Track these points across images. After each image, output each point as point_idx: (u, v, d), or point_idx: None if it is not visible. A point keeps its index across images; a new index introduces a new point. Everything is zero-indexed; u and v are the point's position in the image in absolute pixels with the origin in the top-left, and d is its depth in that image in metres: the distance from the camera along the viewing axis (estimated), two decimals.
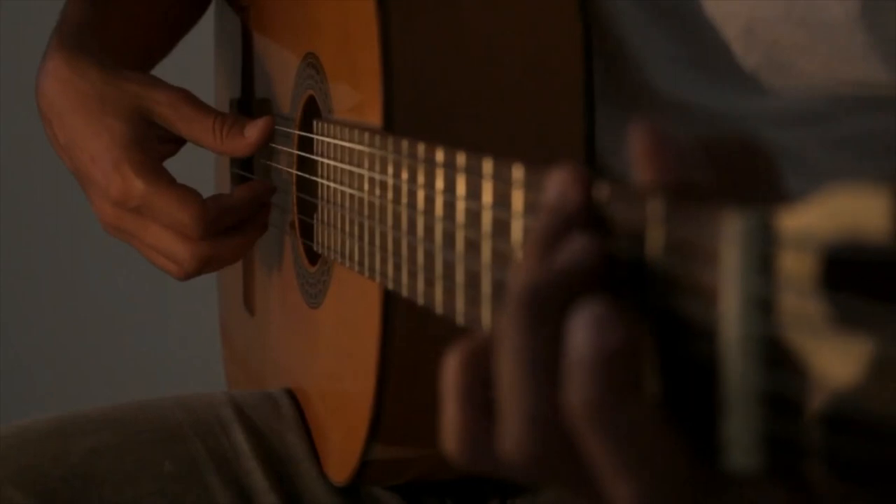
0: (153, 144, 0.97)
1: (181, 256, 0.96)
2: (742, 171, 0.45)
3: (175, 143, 0.99)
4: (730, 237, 0.40)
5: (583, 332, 0.43)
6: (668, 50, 0.83)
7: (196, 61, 1.28)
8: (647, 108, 0.84)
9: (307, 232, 0.94)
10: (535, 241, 0.48)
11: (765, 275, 0.39)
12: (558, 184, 0.48)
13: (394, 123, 0.77)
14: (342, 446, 0.88)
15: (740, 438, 0.40)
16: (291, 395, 0.99)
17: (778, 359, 0.39)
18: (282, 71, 0.99)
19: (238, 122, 0.97)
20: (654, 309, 0.44)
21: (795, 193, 0.43)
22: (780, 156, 0.83)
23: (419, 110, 0.78)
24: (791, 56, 0.80)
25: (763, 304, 0.39)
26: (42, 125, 1.03)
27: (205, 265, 0.97)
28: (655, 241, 0.44)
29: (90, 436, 0.94)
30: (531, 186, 0.53)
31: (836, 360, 0.37)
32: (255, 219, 0.98)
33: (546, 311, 0.45)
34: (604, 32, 0.84)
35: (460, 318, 0.61)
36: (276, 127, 1.00)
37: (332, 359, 0.91)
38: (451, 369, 0.49)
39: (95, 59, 0.99)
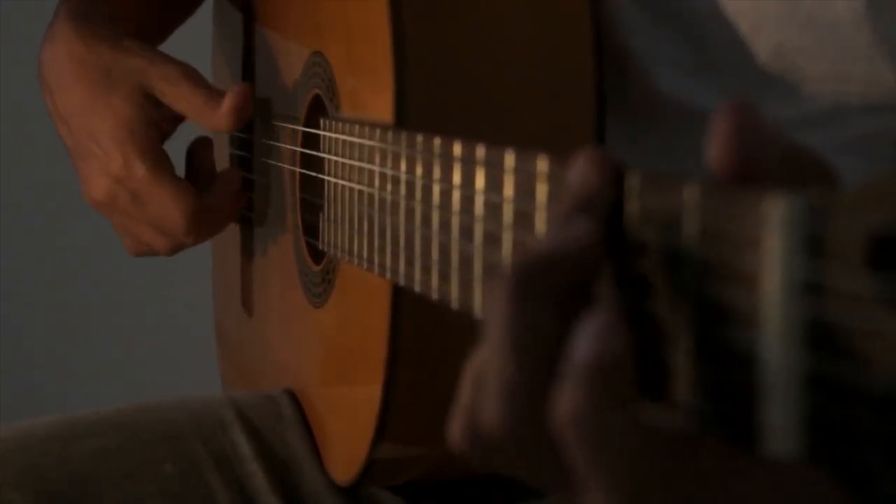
0: (157, 124, 0.97)
1: (179, 227, 0.97)
2: (805, 182, 0.44)
3: (174, 121, 0.99)
4: (773, 220, 0.39)
5: (585, 340, 0.44)
6: (673, 54, 0.83)
7: (193, 57, 1.27)
8: (654, 113, 0.84)
9: (311, 231, 0.94)
10: (549, 225, 0.48)
11: (810, 257, 0.39)
12: (580, 168, 0.49)
13: (405, 122, 0.77)
14: (347, 446, 0.88)
15: (783, 423, 0.40)
16: (292, 395, 0.99)
17: (824, 341, 0.39)
18: (285, 69, 0.99)
19: (219, 97, 0.97)
20: (690, 297, 0.44)
21: None
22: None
23: (430, 109, 0.78)
24: (797, 57, 0.80)
25: (808, 287, 0.39)
26: (41, 120, 1.02)
27: (199, 223, 0.98)
28: (692, 227, 0.44)
29: (91, 438, 0.94)
30: (555, 179, 0.53)
31: (885, 342, 0.37)
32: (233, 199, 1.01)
33: (535, 288, 0.46)
34: (608, 37, 0.84)
35: (478, 311, 0.61)
36: (280, 125, 1.00)
37: (336, 358, 0.91)
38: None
39: (105, 30, 0.98)
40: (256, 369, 1.10)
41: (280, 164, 1.00)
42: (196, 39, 1.18)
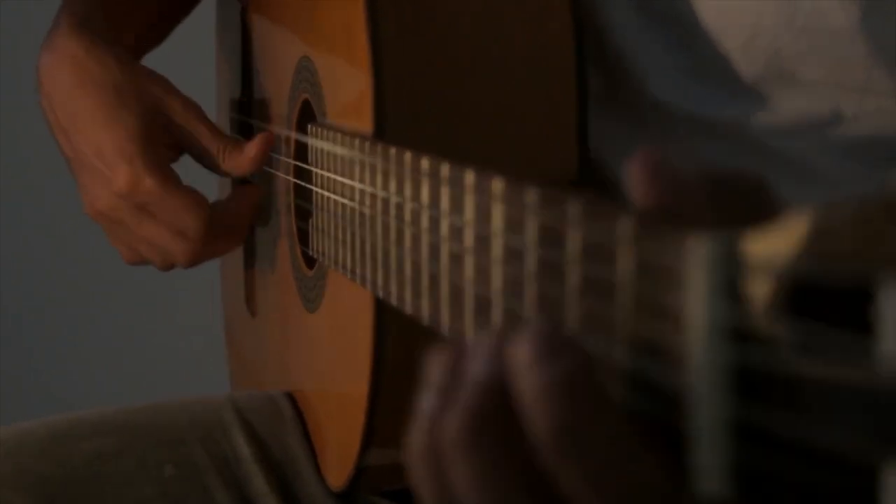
0: (162, 145, 0.97)
1: (177, 254, 0.97)
2: (741, 207, 0.44)
3: (176, 151, 0.99)
4: (695, 261, 0.39)
5: (524, 377, 0.43)
6: (669, 60, 0.83)
7: (198, 60, 1.27)
8: (649, 118, 0.84)
9: (304, 236, 0.93)
10: None
11: (730, 300, 0.38)
12: None
13: (385, 129, 0.76)
14: (339, 451, 0.88)
15: (710, 465, 0.40)
16: (292, 397, 0.99)
17: (745, 386, 0.38)
18: (279, 73, 0.99)
19: (240, 142, 0.99)
20: (624, 332, 0.43)
21: (801, 202, 0.43)
22: (783, 165, 0.82)
23: (410, 116, 0.77)
24: (793, 64, 0.80)
25: (729, 331, 0.38)
26: (42, 121, 1.02)
27: (196, 262, 0.99)
28: (625, 261, 0.43)
29: (91, 439, 0.94)
30: (504, 200, 0.52)
31: (802, 388, 0.36)
32: (247, 221, 1.01)
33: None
34: (603, 43, 0.83)
35: (445, 331, 0.60)
36: (275, 129, 1.00)
37: (328, 363, 0.91)
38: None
39: (111, 46, 0.98)
40: (260, 370, 1.10)
41: (276, 169, 1.00)
42: (197, 40, 1.18)
